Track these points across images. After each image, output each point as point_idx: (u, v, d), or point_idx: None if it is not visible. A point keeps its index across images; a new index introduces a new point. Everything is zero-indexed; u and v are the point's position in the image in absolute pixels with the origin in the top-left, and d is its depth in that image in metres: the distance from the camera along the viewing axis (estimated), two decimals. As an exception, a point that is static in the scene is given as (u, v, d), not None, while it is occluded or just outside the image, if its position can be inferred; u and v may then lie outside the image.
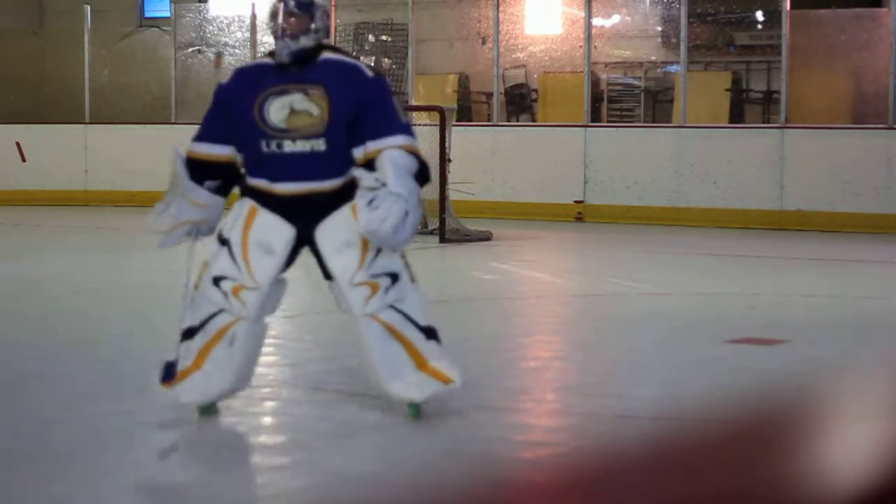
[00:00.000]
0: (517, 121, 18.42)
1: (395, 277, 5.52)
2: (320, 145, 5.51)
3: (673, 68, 17.30)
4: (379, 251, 5.47)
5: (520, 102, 18.56)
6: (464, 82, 18.74)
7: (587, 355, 7.70)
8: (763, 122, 17.04)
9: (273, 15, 5.60)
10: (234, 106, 5.59)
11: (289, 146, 5.53)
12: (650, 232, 14.77)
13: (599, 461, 1.33)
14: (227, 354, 5.57)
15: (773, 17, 16.27)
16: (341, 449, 5.35)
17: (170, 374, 5.58)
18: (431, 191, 13.96)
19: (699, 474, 1.29)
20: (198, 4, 19.45)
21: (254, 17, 18.33)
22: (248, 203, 5.60)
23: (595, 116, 16.70)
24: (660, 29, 17.90)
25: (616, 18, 18.07)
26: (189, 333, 5.60)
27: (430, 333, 5.59)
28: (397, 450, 5.31)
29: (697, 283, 10.70)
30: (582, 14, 16.63)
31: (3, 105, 19.21)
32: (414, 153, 5.48)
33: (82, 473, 4.99)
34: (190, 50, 19.19)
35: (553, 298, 10.19)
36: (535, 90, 18.36)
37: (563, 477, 1.34)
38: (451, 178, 13.87)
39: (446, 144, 13.78)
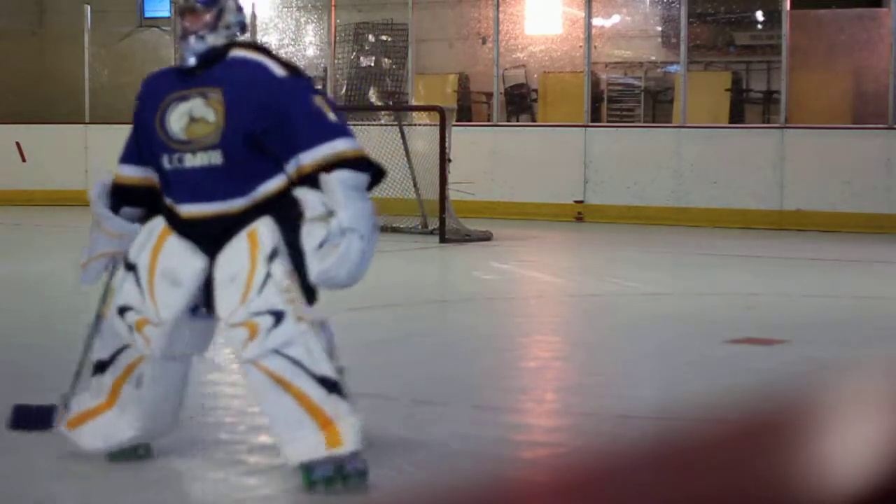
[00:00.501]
0: (517, 121, 18.42)
1: (278, 317, 4.60)
2: (217, 158, 4.71)
3: (673, 68, 17.29)
4: (264, 285, 4.60)
5: (520, 102, 18.55)
6: (464, 82, 18.74)
7: (587, 355, 7.71)
8: (763, 122, 17.04)
9: (179, 13, 4.98)
10: (140, 118, 4.96)
11: (189, 160, 4.75)
12: (650, 232, 14.77)
13: (599, 461, 1.33)
14: (135, 396, 4.92)
15: (773, 17, 16.27)
16: (341, 449, 5.34)
17: (47, 416, 5.00)
18: (431, 191, 13.98)
19: (699, 474, 1.29)
20: (198, 4, 19.42)
21: (254, 17, 18.32)
22: (161, 224, 4.86)
23: (595, 116, 16.70)
24: (660, 29, 17.90)
25: (616, 18, 18.07)
26: (100, 367, 5.00)
27: (329, 385, 4.59)
28: (397, 450, 5.30)
29: (697, 283, 10.70)
30: (582, 14, 16.63)
31: (3, 105, 19.21)
32: (359, 159, 4.70)
33: (83, 473, 4.98)
34: (190, 50, 19.18)
35: (553, 298, 10.19)
36: (535, 90, 18.35)
37: (563, 477, 1.34)
38: (451, 178, 13.87)
39: (446, 144, 13.78)
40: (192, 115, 4.76)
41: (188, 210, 4.76)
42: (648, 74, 18.21)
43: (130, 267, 4.86)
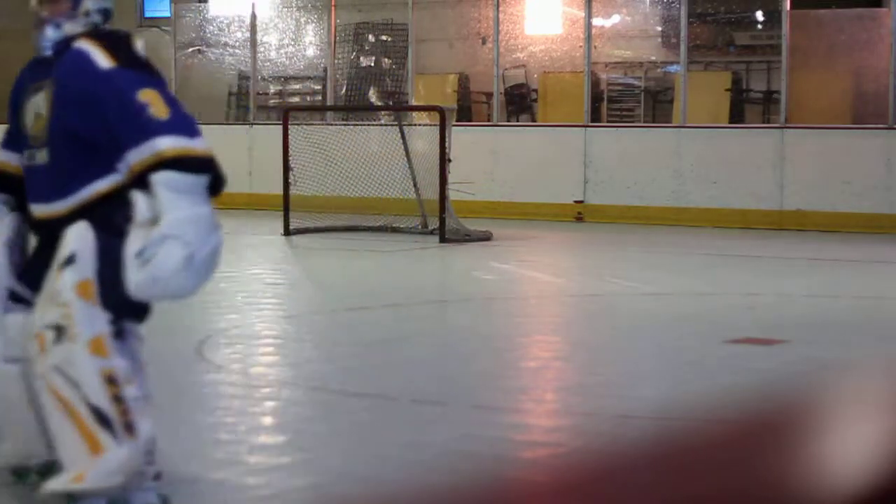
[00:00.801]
0: (517, 121, 18.42)
1: (59, 331, 4.18)
2: (44, 156, 4.40)
3: (673, 68, 17.29)
4: (54, 295, 4.21)
5: (520, 102, 18.55)
6: (464, 82, 18.74)
7: (587, 355, 7.71)
8: (763, 122, 17.04)
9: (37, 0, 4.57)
10: (11, 108, 4.72)
11: (38, 157, 4.45)
12: (650, 232, 14.77)
13: (599, 461, 1.33)
14: None
15: (773, 17, 16.27)
16: (341, 449, 5.35)
17: None
18: (431, 191, 13.98)
19: (699, 474, 1.29)
20: (198, 4, 19.45)
21: (254, 16, 18.33)
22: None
23: (595, 116, 16.70)
24: (660, 29, 17.90)
25: (616, 18, 18.07)
26: None
27: (101, 418, 4.13)
28: (397, 450, 5.31)
29: (697, 283, 10.70)
30: (582, 14, 16.63)
31: (3, 105, 19.20)
32: (187, 159, 4.14)
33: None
34: (190, 50, 19.20)
35: (553, 298, 10.19)
36: (535, 90, 18.35)
37: (563, 477, 1.34)
38: (451, 178, 13.87)
39: (446, 144, 13.78)
40: (36, 109, 4.51)
41: (33, 209, 4.48)
42: (648, 74, 18.21)
43: None
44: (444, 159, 13.74)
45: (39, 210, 4.43)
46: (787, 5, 15.38)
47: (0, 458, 4.58)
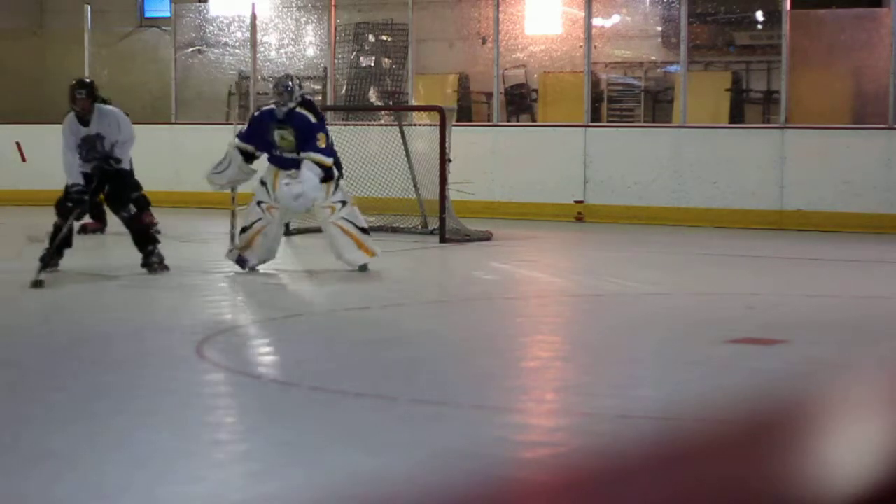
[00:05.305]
0: (517, 121, 18.42)
1: (343, 203, 10.93)
2: (289, 152, 10.87)
3: (673, 68, 17.30)
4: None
5: (520, 102, 18.55)
6: (464, 82, 18.74)
7: (587, 355, 7.71)
8: (763, 122, 17.04)
9: None
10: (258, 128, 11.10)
11: (284, 153, 10.99)
12: (650, 232, 14.77)
13: (599, 461, 1.33)
14: (261, 242, 10.77)
15: (773, 17, 16.26)
16: (341, 449, 5.35)
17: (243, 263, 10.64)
18: (431, 191, 13.99)
19: (699, 474, 1.29)
20: (198, 4, 19.45)
21: (254, 17, 18.33)
22: (273, 168, 10.86)
23: (595, 116, 16.70)
24: (660, 29, 17.90)
25: (616, 18, 18.07)
26: (243, 230, 10.76)
27: (364, 232, 11.10)
28: (397, 450, 5.31)
29: (697, 283, 10.70)
30: (582, 14, 16.63)
31: (3, 105, 19.21)
32: (321, 162, 10.29)
33: (84, 473, 4.99)
34: (190, 50, 19.20)
35: (553, 298, 10.19)
36: (535, 90, 18.35)
37: (563, 477, 1.34)
38: (451, 178, 13.87)
39: (446, 144, 13.78)
40: (283, 135, 10.86)
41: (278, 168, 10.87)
42: (648, 74, 18.21)
43: (263, 183, 10.75)
44: (444, 159, 13.74)
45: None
46: (787, 5, 15.38)
47: (252, 264, 10.68)
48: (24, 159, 18.19)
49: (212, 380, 6.84)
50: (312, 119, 10.59)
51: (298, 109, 10.60)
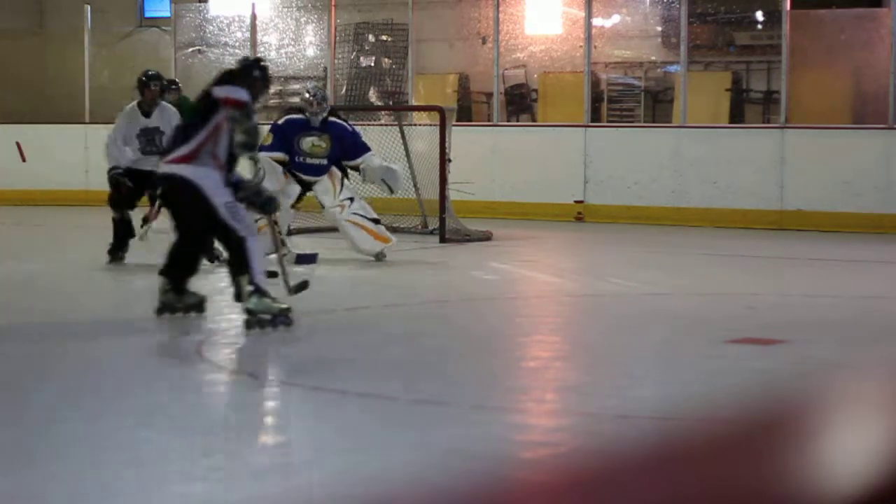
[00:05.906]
0: (517, 121, 18.42)
1: (351, 200, 11.75)
2: (322, 160, 11.60)
3: (673, 68, 17.30)
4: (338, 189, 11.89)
5: (520, 102, 18.55)
6: (464, 82, 18.74)
7: (587, 355, 7.70)
8: (763, 122, 17.04)
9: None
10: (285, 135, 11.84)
11: (318, 161, 11.78)
12: (650, 232, 14.77)
13: (599, 461, 1.34)
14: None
15: (773, 17, 16.27)
16: (341, 449, 5.34)
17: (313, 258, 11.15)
18: (431, 191, 13.99)
19: (699, 474, 1.29)
20: (198, 4, 19.45)
21: (254, 17, 18.33)
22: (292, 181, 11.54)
23: (595, 116, 16.70)
24: (660, 29, 17.90)
25: (616, 18, 18.07)
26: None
27: (375, 222, 11.94)
28: (397, 449, 5.31)
29: (697, 283, 10.70)
30: (582, 14, 16.63)
31: (3, 105, 19.21)
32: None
33: (83, 474, 4.99)
34: (190, 50, 19.20)
35: (553, 298, 10.19)
36: (535, 90, 18.36)
37: (563, 477, 1.34)
38: (451, 178, 13.87)
39: (446, 144, 13.78)
40: (314, 143, 11.53)
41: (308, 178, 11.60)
42: (648, 74, 18.21)
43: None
44: (444, 159, 13.74)
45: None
46: (787, 5, 15.38)
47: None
48: (24, 159, 18.20)
49: (212, 380, 6.84)
50: (348, 126, 11.49)
51: (331, 118, 11.32)
